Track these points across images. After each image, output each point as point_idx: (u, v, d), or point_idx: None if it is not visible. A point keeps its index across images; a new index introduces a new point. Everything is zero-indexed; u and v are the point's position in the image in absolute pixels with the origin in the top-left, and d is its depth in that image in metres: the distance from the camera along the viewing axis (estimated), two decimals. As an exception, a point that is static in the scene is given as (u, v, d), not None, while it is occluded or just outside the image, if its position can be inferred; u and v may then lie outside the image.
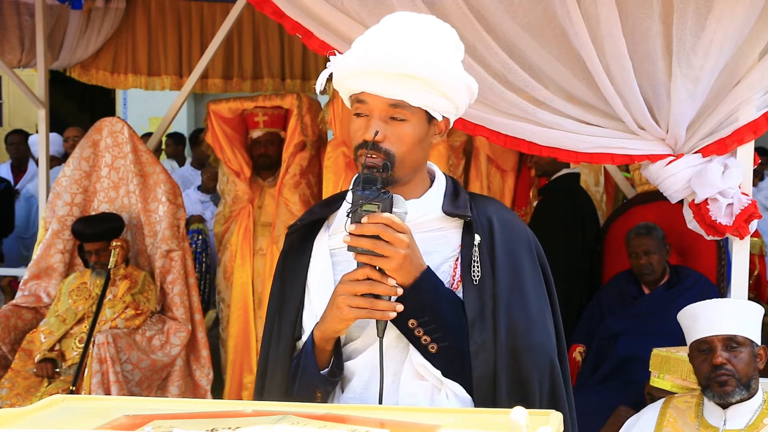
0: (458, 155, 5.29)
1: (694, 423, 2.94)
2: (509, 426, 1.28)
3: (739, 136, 3.11)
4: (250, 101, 5.23)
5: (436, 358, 1.71)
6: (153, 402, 2.06)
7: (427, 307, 1.70)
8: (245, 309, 5.17)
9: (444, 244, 1.79)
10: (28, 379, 4.41)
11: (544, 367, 1.76)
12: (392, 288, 1.65)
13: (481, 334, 1.72)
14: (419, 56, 1.67)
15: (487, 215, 1.81)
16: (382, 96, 1.71)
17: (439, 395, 1.73)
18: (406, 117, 1.72)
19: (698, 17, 2.95)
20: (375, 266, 1.65)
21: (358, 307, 1.66)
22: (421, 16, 1.77)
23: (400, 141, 1.72)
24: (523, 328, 1.74)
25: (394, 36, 1.71)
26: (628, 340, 4.20)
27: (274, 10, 3.18)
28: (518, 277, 1.78)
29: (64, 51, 6.46)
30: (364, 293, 1.66)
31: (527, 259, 1.81)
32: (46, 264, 4.79)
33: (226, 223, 5.30)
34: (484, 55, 3.10)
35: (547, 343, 1.78)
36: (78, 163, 4.82)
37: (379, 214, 1.63)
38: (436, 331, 1.70)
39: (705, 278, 4.38)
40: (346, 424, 1.39)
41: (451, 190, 1.84)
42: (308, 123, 5.09)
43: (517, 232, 1.83)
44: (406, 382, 1.74)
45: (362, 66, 1.70)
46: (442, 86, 1.70)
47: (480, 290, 1.75)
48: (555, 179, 5.08)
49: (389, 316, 1.66)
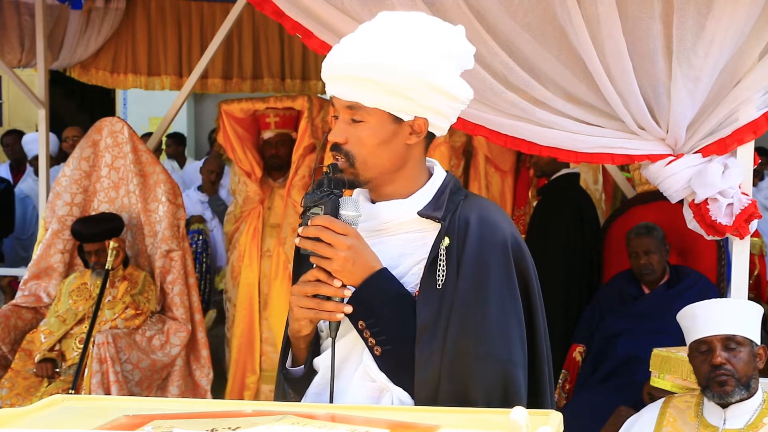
0: (458, 156, 5.30)
1: (694, 423, 2.94)
2: (509, 426, 1.28)
3: (739, 136, 3.11)
4: (261, 102, 5.23)
5: (380, 360, 1.72)
6: (153, 402, 2.07)
7: (372, 310, 1.71)
8: (250, 309, 5.17)
9: (420, 246, 1.77)
10: (28, 379, 4.41)
11: (493, 378, 1.68)
12: (338, 289, 1.68)
13: (431, 340, 1.69)
14: (368, 58, 1.67)
15: (467, 217, 1.75)
16: (340, 98, 1.73)
17: (383, 398, 1.72)
18: (363, 118, 1.73)
19: (698, 17, 2.95)
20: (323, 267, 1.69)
21: (306, 308, 1.70)
22: (407, 14, 1.75)
23: (360, 143, 1.73)
24: (475, 336, 1.68)
25: (356, 38, 1.73)
26: (628, 340, 4.20)
27: (274, 9, 3.18)
28: (482, 283, 1.70)
29: (64, 51, 6.45)
30: (315, 294, 1.69)
31: (498, 264, 1.72)
32: (46, 264, 4.79)
33: (237, 223, 5.31)
34: (485, 55, 3.10)
35: (501, 353, 1.69)
36: (78, 163, 4.81)
37: (320, 216, 1.67)
38: (381, 334, 1.70)
39: (705, 278, 4.38)
40: (346, 423, 1.39)
41: (441, 191, 1.80)
42: (319, 125, 5.09)
43: (493, 235, 1.74)
44: (355, 382, 1.75)
45: (325, 69, 1.74)
46: (395, 87, 1.68)
47: (441, 295, 1.71)
48: (554, 179, 5.07)
49: (336, 318, 1.69)
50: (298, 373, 1.82)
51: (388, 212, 1.78)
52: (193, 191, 7.30)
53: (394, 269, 1.74)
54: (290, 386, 1.84)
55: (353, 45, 1.72)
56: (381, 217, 1.78)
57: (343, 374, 1.75)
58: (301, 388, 1.83)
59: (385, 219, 1.78)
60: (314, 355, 1.82)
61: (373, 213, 1.78)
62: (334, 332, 1.71)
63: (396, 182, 1.79)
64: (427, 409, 1.67)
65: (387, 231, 1.78)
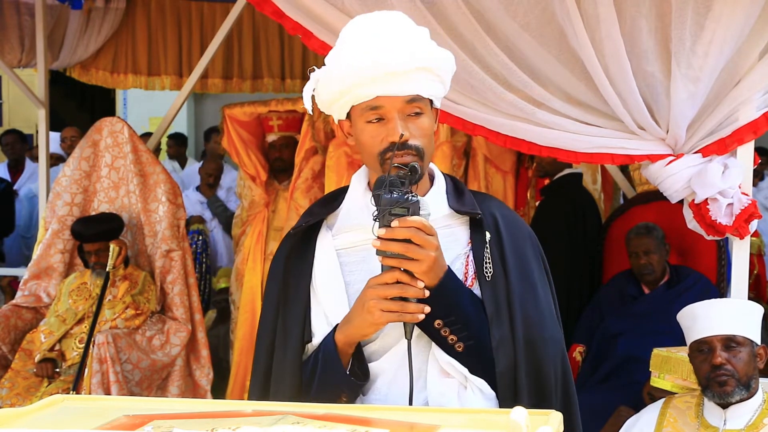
0: (459, 156, 5.29)
1: (694, 423, 2.94)
2: (509, 426, 1.28)
3: (739, 136, 3.11)
4: (263, 105, 5.23)
5: (463, 356, 1.74)
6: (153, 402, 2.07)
7: (452, 307, 1.73)
8: (253, 312, 5.17)
9: (453, 242, 1.81)
10: (28, 379, 4.41)
11: (557, 358, 1.82)
12: (421, 290, 1.67)
13: (500, 329, 1.76)
14: (425, 47, 1.73)
15: (491, 212, 1.85)
16: (398, 95, 1.72)
17: (465, 392, 1.75)
18: (422, 110, 1.75)
19: (697, 17, 2.95)
20: (401, 269, 1.66)
21: (389, 311, 1.67)
22: (397, 14, 1.78)
23: (423, 134, 1.75)
24: (536, 322, 1.79)
25: (383, 34, 1.72)
26: (628, 340, 4.20)
27: (274, 10, 3.18)
28: (527, 272, 1.82)
29: (64, 51, 6.45)
30: (394, 297, 1.67)
31: (532, 255, 1.86)
32: (46, 264, 4.79)
33: (243, 227, 5.32)
34: (483, 55, 3.10)
35: (557, 335, 1.84)
36: (78, 163, 4.81)
37: (410, 217, 1.63)
38: (462, 330, 1.73)
39: (705, 278, 4.39)
40: (345, 423, 1.39)
41: (452, 188, 1.86)
42: (320, 128, 5.08)
43: (521, 229, 1.88)
44: (432, 380, 1.76)
45: (378, 69, 1.69)
46: (443, 73, 1.75)
47: (493, 287, 1.78)
48: (557, 179, 5.07)
49: (418, 318, 1.68)
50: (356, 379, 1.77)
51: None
52: (192, 191, 7.31)
53: None
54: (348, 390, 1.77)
55: (396, 40, 1.70)
56: None
57: (404, 377, 1.72)
58: (353, 394, 1.79)
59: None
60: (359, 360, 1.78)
61: None
62: (410, 333, 1.69)
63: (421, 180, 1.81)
64: (427, 409, 1.68)
65: None
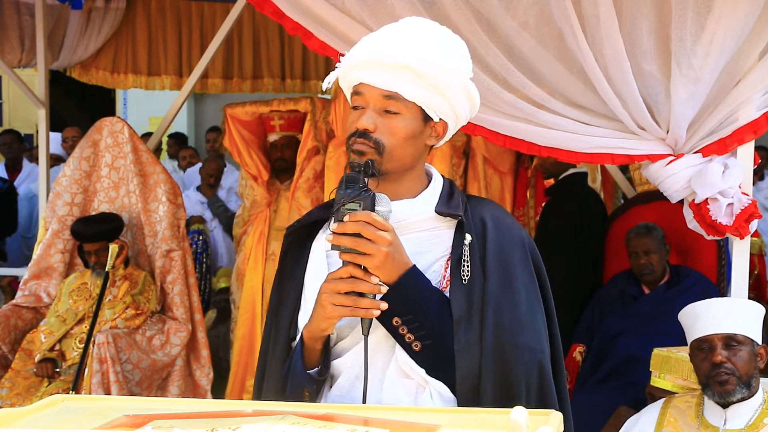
0: (459, 156, 5.29)
1: (695, 423, 2.94)
2: (509, 426, 1.28)
3: (739, 135, 3.11)
4: (265, 105, 5.22)
5: (419, 356, 1.72)
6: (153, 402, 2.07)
7: (410, 305, 1.71)
8: (253, 312, 5.17)
9: (436, 244, 1.80)
10: (28, 379, 4.41)
11: (531, 367, 1.74)
12: (375, 286, 1.67)
13: (467, 333, 1.72)
14: (417, 51, 1.70)
15: (481, 215, 1.81)
16: (377, 87, 1.72)
17: (422, 394, 1.73)
18: (400, 110, 1.74)
19: (698, 17, 2.95)
20: (359, 264, 1.67)
21: (341, 305, 1.67)
22: (436, 25, 1.79)
23: (391, 133, 1.74)
24: (510, 328, 1.73)
25: (399, 32, 1.74)
26: (628, 340, 4.20)
27: (274, 10, 3.18)
28: (509, 277, 1.77)
29: (65, 51, 6.45)
30: (348, 291, 1.67)
31: (519, 260, 1.80)
32: (47, 264, 4.79)
33: (245, 226, 5.32)
34: (483, 55, 3.10)
35: (535, 344, 1.76)
36: (78, 163, 4.81)
37: (360, 211, 1.65)
38: (420, 329, 1.71)
39: (705, 278, 4.38)
40: (346, 423, 1.38)
41: (447, 191, 1.85)
42: (322, 128, 5.08)
43: (510, 232, 1.82)
44: (390, 380, 1.75)
45: (362, 56, 1.73)
46: (437, 83, 1.71)
47: (469, 289, 1.74)
48: (562, 179, 5.06)
49: (372, 314, 1.68)
50: (313, 375, 1.79)
51: (402, 211, 1.78)
52: (192, 191, 7.31)
53: None
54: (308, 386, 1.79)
55: (395, 36, 1.72)
56: (394, 216, 1.78)
57: (369, 375, 1.72)
58: (316, 390, 1.80)
59: (398, 218, 1.78)
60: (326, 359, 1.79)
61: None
62: (367, 330, 1.70)
63: (405, 181, 1.81)
64: (427, 409, 1.67)
65: (399, 230, 1.78)
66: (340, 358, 1.79)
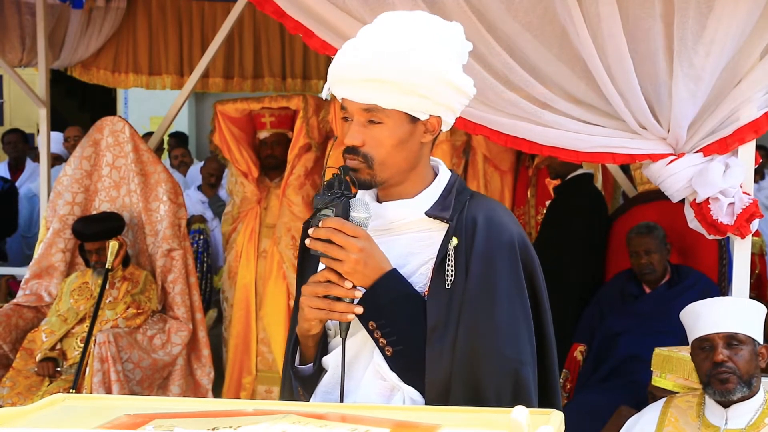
0: (459, 155, 5.30)
1: (696, 422, 2.93)
2: (510, 425, 1.28)
3: (741, 135, 3.11)
4: (256, 102, 5.21)
5: (391, 360, 1.73)
6: (154, 401, 2.07)
7: (383, 310, 1.71)
8: (247, 310, 5.16)
9: (427, 246, 1.78)
10: (29, 379, 4.41)
11: (504, 376, 1.70)
12: (349, 290, 1.69)
13: (441, 340, 1.70)
14: (384, 59, 1.66)
15: (474, 217, 1.76)
16: (355, 101, 1.72)
17: (395, 397, 1.73)
18: (382, 120, 1.72)
19: (699, 17, 2.95)
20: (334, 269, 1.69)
21: (317, 308, 1.70)
22: (411, 14, 1.75)
23: (378, 144, 1.73)
24: (485, 336, 1.70)
25: (368, 40, 1.71)
26: (629, 339, 4.20)
27: (275, 9, 3.18)
28: (491, 283, 1.72)
29: (65, 50, 6.45)
30: (325, 295, 1.69)
31: (506, 266, 1.74)
32: (48, 263, 4.80)
33: (234, 223, 5.30)
34: (485, 55, 3.10)
35: (511, 353, 1.71)
36: (79, 162, 4.82)
37: (331, 218, 1.67)
38: (392, 335, 1.71)
39: (706, 277, 4.38)
40: (347, 423, 1.38)
41: (446, 191, 1.81)
42: (314, 125, 5.08)
43: (501, 235, 1.75)
44: (366, 381, 1.76)
45: (336, 73, 1.72)
46: (414, 87, 1.68)
47: (450, 294, 1.72)
48: (571, 179, 5.05)
49: (347, 318, 1.70)
50: (307, 371, 1.82)
51: (395, 212, 1.78)
52: (193, 191, 7.32)
53: (401, 269, 1.75)
54: (299, 384, 1.84)
55: (364, 47, 1.70)
56: (388, 217, 1.78)
57: (353, 373, 1.75)
58: (310, 386, 1.83)
59: (391, 218, 1.78)
60: (323, 354, 1.82)
61: (380, 212, 1.79)
62: (344, 332, 1.71)
63: (407, 181, 1.80)
64: (428, 408, 1.67)
65: (394, 230, 1.78)
66: (327, 356, 1.82)
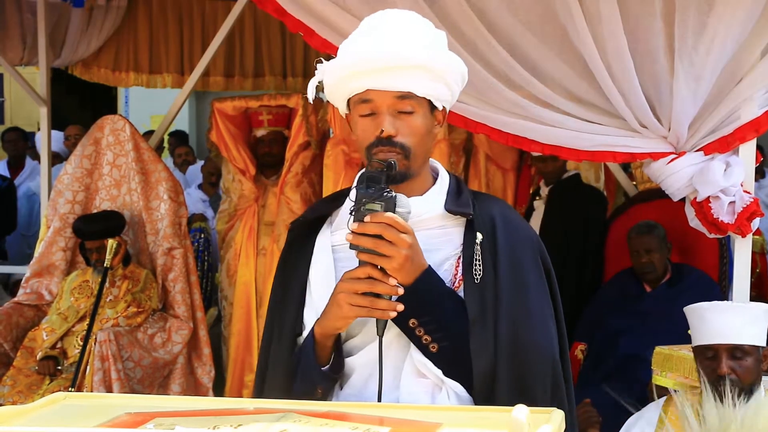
0: (458, 153, 5.29)
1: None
2: (511, 424, 1.28)
3: (741, 134, 3.11)
4: (254, 100, 5.21)
5: (436, 357, 1.71)
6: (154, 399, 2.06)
7: (427, 307, 1.70)
8: (248, 308, 5.16)
9: (446, 242, 1.79)
10: (29, 377, 4.41)
11: (545, 365, 1.75)
12: (393, 287, 1.65)
13: (483, 332, 1.72)
14: (420, 47, 1.69)
15: (490, 214, 1.80)
16: (388, 90, 1.71)
17: (439, 394, 1.72)
18: (414, 108, 1.73)
19: (700, 15, 2.95)
20: (376, 265, 1.65)
21: (358, 306, 1.66)
22: (401, 12, 1.77)
23: (412, 133, 1.73)
24: (524, 327, 1.73)
25: (388, 31, 1.72)
26: (630, 338, 4.20)
27: (275, 8, 3.18)
28: (520, 275, 1.77)
29: (66, 49, 6.44)
30: (365, 292, 1.65)
31: (529, 258, 1.80)
32: (48, 261, 4.80)
33: (231, 221, 5.28)
34: (485, 53, 3.10)
35: (547, 342, 1.77)
36: (80, 161, 4.82)
37: (382, 213, 1.63)
38: (437, 331, 1.70)
39: (707, 276, 4.38)
40: (347, 421, 1.38)
41: (454, 188, 1.83)
42: (313, 123, 5.08)
43: (519, 231, 1.82)
44: (406, 380, 1.74)
45: (367, 64, 1.70)
46: (443, 74, 1.72)
47: (481, 289, 1.74)
48: (561, 181, 5.07)
49: (389, 316, 1.66)
50: (327, 372, 1.77)
51: (414, 209, 1.75)
52: (194, 189, 7.32)
53: None
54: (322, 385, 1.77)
55: (393, 36, 1.70)
56: None
57: (383, 374, 1.71)
58: (328, 387, 1.79)
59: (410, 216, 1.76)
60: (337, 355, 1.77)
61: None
62: (382, 330, 1.68)
63: (419, 177, 1.80)
64: (428, 407, 1.67)
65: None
66: (353, 356, 1.78)
